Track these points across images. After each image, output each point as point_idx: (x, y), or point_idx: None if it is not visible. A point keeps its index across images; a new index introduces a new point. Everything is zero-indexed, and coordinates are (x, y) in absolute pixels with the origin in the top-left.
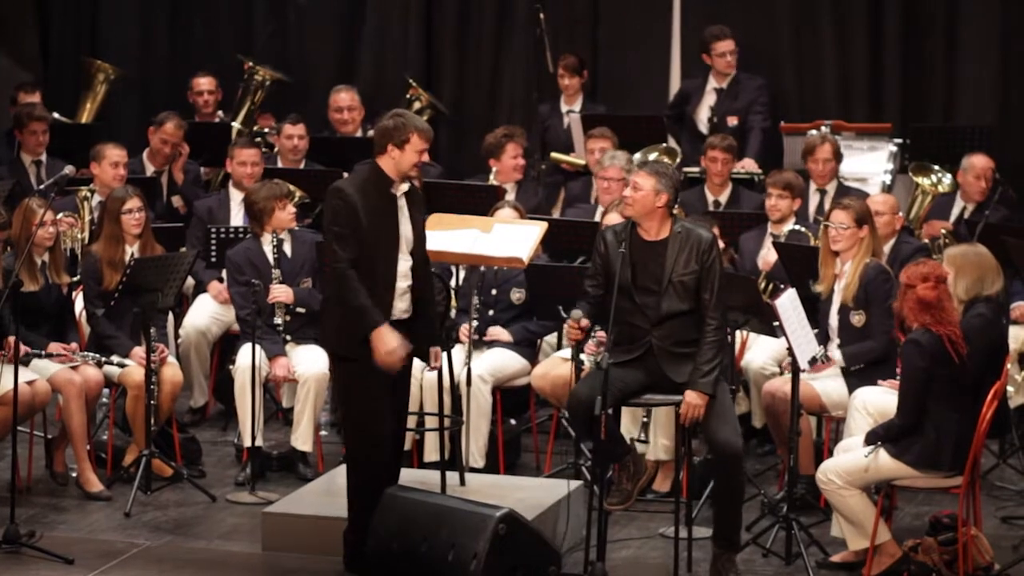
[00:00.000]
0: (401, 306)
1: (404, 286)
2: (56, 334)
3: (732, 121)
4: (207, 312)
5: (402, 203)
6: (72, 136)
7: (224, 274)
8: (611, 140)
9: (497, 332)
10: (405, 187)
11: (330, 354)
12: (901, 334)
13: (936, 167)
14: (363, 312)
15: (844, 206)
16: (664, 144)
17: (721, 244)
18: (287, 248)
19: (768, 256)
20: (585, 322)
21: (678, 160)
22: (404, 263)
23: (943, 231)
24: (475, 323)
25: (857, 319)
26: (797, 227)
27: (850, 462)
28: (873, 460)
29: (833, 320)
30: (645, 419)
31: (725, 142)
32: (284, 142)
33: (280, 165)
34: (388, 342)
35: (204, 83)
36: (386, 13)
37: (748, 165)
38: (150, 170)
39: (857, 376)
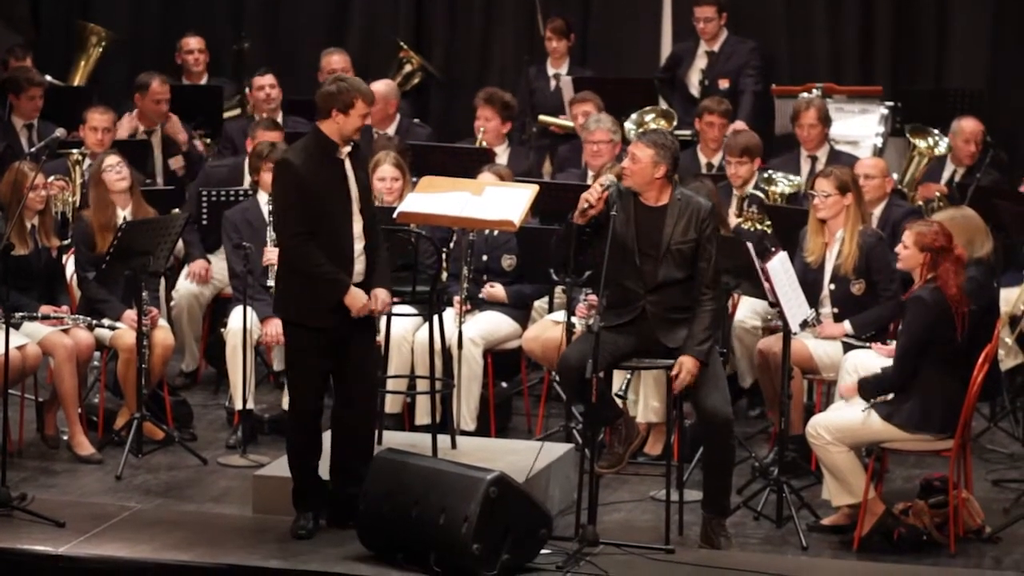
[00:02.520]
0: (358, 268)
1: (360, 247)
2: (46, 297)
3: (723, 84)
4: None
5: (347, 164)
6: (64, 99)
7: (223, 243)
8: (595, 104)
9: (494, 290)
10: (348, 148)
11: (283, 320)
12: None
13: (935, 130)
14: (330, 280)
15: (826, 174)
16: (661, 107)
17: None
18: None
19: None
20: (605, 193)
21: (674, 123)
22: (357, 225)
23: (937, 193)
24: (466, 289)
25: (857, 288)
26: (754, 191)
27: (841, 419)
28: (864, 420)
29: (826, 289)
30: (629, 376)
31: (721, 106)
32: (257, 95)
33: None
34: (359, 299)
35: (193, 43)
36: None
37: (739, 128)
38: (131, 125)
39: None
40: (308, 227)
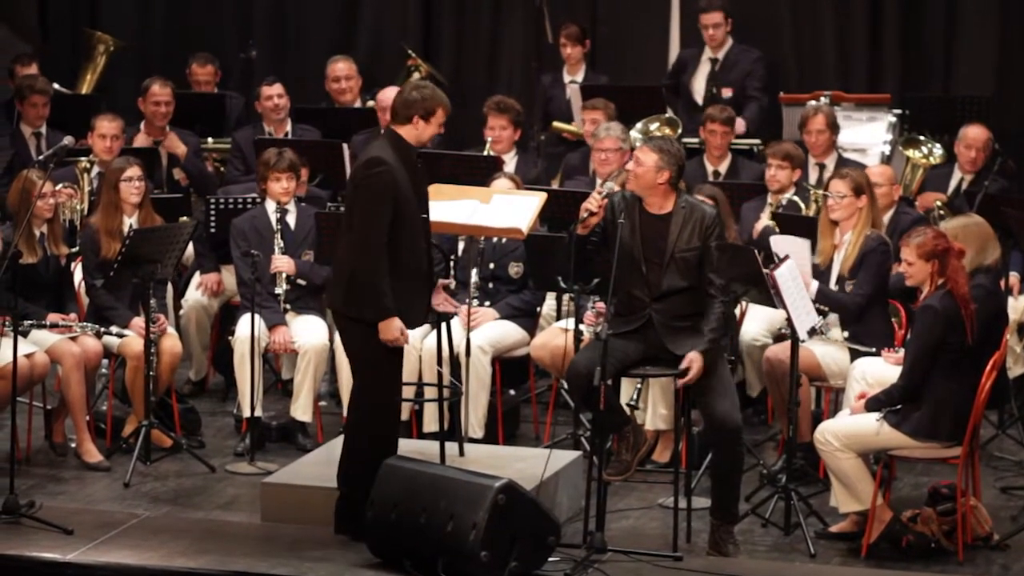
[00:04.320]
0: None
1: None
2: (55, 305)
3: (727, 93)
4: None
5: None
6: (71, 107)
7: (231, 250)
8: (605, 112)
9: (483, 313)
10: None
11: (348, 318)
12: (896, 301)
13: (923, 139)
14: (384, 302)
15: (842, 175)
16: (666, 115)
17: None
18: (291, 219)
19: (757, 225)
20: (604, 201)
21: (679, 131)
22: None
23: (937, 203)
24: (475, 297)
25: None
26: (794, 197)
27: (849, 425)
28: (878, 429)
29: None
30: (639, 385)
31: (724, 114)
32: (265, 104)
33: (266, 129)
34: (394, 330)
35: (203, 74)
36: None
37: (738, 127)
38: (147, 141)
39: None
40: (386, 231)
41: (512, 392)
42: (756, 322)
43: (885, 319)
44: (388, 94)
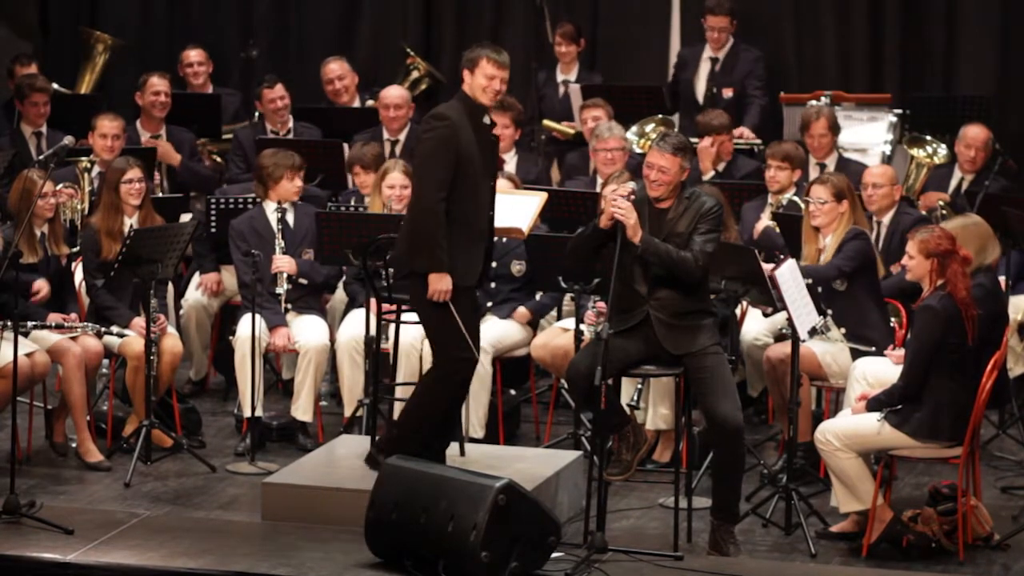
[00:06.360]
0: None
1: (490, 216)
2: (55, 305)
3: (728, 93)
4: None
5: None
6: (71, 107)
7: (231, 251)
8: (605, 110)
9: (519, 313)
10: (487, 119)
11: (412, 272)
12: (897, 301)
13: (929, 138)
14: (437, 255)
15: (822, 181)
16: (660, 115)
17: None
18: (290, 219)
19: (758, 225)
20: (633, 196)
21: (675, 130)
22: (489, 194)
23: (940, 203)
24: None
25: (839, 283)
26: (794, 197)
27: (850, 425)
28: (879, 429)
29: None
30: (640, 385)
31: (722, 120)
32: (267, 106)
33: (269, 128)
34: (444, 283)
35: (193, 55)
36: None
37: (744, 134)
38: (144, 137)
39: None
40: (445, 191)
41: (512, 392)
42: (757, 322)
43: (883, 315)
44: (390, 92)
